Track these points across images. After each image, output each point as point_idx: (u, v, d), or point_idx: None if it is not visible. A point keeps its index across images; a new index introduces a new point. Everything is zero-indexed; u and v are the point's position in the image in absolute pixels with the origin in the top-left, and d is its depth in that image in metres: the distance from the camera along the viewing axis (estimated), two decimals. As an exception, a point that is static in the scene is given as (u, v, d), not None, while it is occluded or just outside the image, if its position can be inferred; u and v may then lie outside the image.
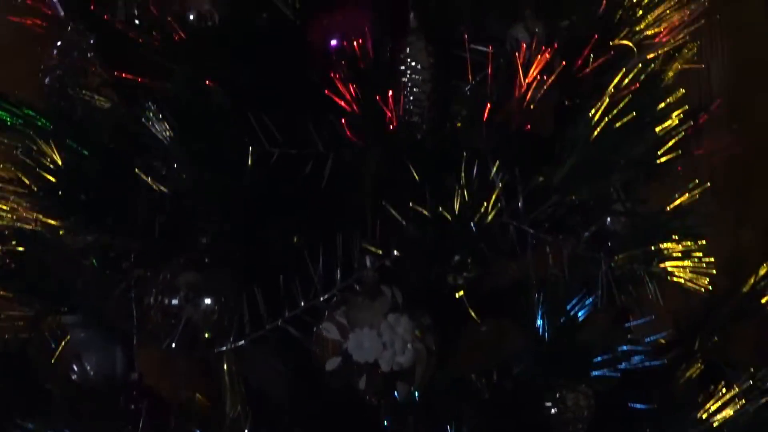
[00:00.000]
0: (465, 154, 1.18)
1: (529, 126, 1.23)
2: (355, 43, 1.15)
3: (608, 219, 1.24)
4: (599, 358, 1.10)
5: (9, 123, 1.35)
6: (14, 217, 1.32)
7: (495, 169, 1.10)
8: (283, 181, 1.23)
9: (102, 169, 1.32)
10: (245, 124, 1.24)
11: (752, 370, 1.31)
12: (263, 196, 1.24)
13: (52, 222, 1.30)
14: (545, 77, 1.17)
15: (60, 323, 1.41)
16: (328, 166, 1.22)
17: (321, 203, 1.21)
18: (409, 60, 1.25)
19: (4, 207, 1.32)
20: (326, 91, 1.13)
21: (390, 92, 1.13)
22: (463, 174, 1.11)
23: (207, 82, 1.21)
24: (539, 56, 1.14)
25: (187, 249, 1.28)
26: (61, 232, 1.37)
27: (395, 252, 1.08)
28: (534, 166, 1.28)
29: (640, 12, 1.31)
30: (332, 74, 1.13)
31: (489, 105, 1.19)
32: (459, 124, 1.22)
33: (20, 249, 1.33)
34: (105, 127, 1.35)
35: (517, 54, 1.16)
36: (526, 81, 1.15)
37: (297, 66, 1.29)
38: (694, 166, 1.38)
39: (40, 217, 1.29)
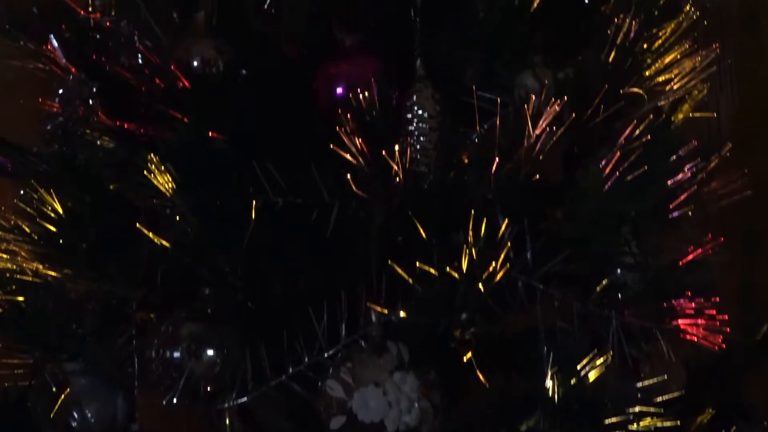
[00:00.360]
0: (473, 204, 1.17)
1: (537, 175, 1.21)
2: (360, 95, 1.13)
3: (618, 270, 1.21)
4: (610, 419, 1.07)
5: (10, 169, 1.34)
6: (14, 264, 1.30)
7: (504, 226, 1.07)
8: (287, 232, 1.21)
9: (103, 217, 1.30)
10: (249, 173, 1.23)
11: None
12: (267, 247, 1.22)
13: (52, 273, 1.27)
14: (554, 128, 1.15)
15: (60, 370, 1.39)
16: (333, 216, 1.20)
17: (326, 255, 1.19)
18: (415, 108, 1.24)
19: (4, 255, 1.30)
20: (331, 146, 1.11)
21: (396, 146, 1.11)
22: (470, 229, 1.08)
23: (210, 131, 1.19)
24: (548, 108, 1.12)
25: (189, 299, 1.26)
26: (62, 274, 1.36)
27: (401, 314, 1.06)
28: (543, 215, 1.27)
29: (651, 59, 1.29)
30: (338, 127, 1.11)
31: (497, 154, 1.17)
32: (467, 174, 1.20)
33: (20, 298, 1.31)
34: (107, 173, 1.34)
35: (526, 106, 1.13)
36: (535, 132, 1.13)
37: (302, 114, 1.28)
38: (704, 209, 1.35)
39: (40, 268, 1.27)
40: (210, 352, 1.23)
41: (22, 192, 1.33)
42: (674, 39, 1.34)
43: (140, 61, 1.28)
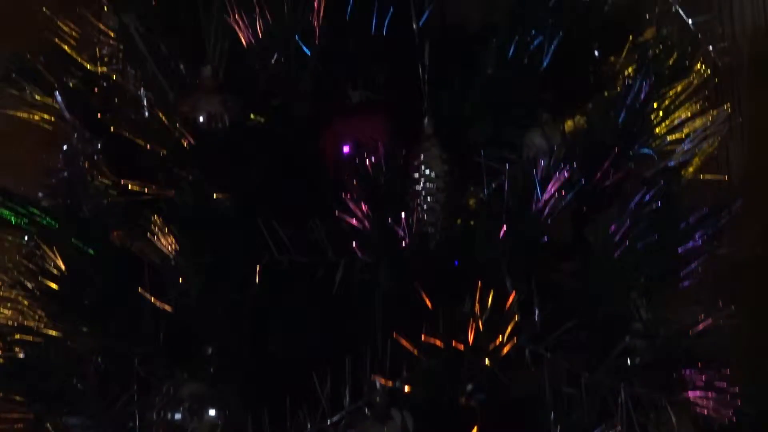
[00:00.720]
0: (480, 265, 1.15)
1: (546, 237, 1.20)
2: (367, 160, 1.11)
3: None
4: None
5: (13, 222, 1.33)
6: (15, 322, 1.29)
7: (511, 298, 1.06)
8: (291, 292, 1.20)
9: (106, 271, 1.29)
10: (253, 230, 1.22)
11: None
12: (271, 308, 1.21)
13: (53, 332, 1.26)
14: (563, 192, 1.13)
15: (61, 425, 1.37)
16: (338, 276, 1.19)
17: (330, 318, 1.18)
18: (423, 168, 1.22)
19: (5, 311, 1.29)
20: (337, 212, 1.09)
21: (403, 213, 1.09)
22: (477, 298, 1.07)
23: (215, 191, 1.18)
24: (557, 173, 1.11)
25: (192, 358, 1.25)
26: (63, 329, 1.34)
27: (406, 387, 1.04)
28: (551, 276, 1.25)
29: (661, 118, 1.28)
30: (344, 194, 1.10)
31: (505, 216, 1.16)
32: (474, 235, 1.19)
33: (21, 353, 1.30)
34: (111, 225, 1.33)
35: (534, 170, 1.12)
36: (544, 198, 1.12)
37: (309, 171, 1.26)
38: (715, 271, 1.34)
39: (41, 326, 1.25)
40: (211, 413, 1.21)
41: (24, 243, 1.33)
42: (685, 97, 1.33)
43: (146, 114, 1.28)
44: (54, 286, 1.22)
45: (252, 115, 1.26)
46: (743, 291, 1.45)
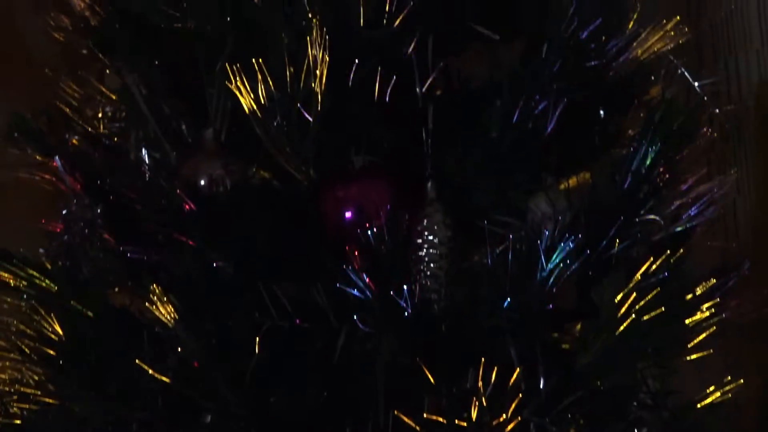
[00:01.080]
0: (484, 333, 1.14)
1: (551, 305, 1.18)
2: (369, 230, 1.10)
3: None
4: None
5: (12, 284, 1.32)
6: (13, 387, 1.27)
7: (516, 374, 1.04)
8: (293, 360, 1.18)
9: (105, 335, 1.28)
10: (254, 295, 1.20)
11: None
12: (272, 373, 1.19)
13: (50, 399, 1.24)
14: (568, 261, 1.12)
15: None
16: (340, 341, 1.17)
17: (332, 387, 1.16)
18: (426, 233, 1.21)
19: (3, 376, 1.27)
20: (338, 285, 1.08)
21: (405, 286, 1.08)
22: (481, 367, 1.05)
23: (216, 256, 1.17)
24: (562, 243, 1.09)
25: (191, 424, 1.23)
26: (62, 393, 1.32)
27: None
28: (556, 343, 1.23)
29: (667, 182, 1.26)
30: (345, 266, 1.08)
31: (509, 285, 1.14)
32: (478, 303, 1.17)
33: (19, 417, 1.28)
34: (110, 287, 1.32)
35: (539, 240, 1.10)
36: (548, 267, 1.10)
37: (310, 236, 1.25)
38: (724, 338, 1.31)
39: (39, 393, 1.24)
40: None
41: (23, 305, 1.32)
42: (691, 160, 1.31)
43: (147, 176, 1.27)
44: (52, 352, 1.20)
45: (253, 179, 1.26)
46: (754, 356, 1.43)
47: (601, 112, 1.37)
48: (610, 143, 1.41)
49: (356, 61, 1.17)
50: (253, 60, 1.16)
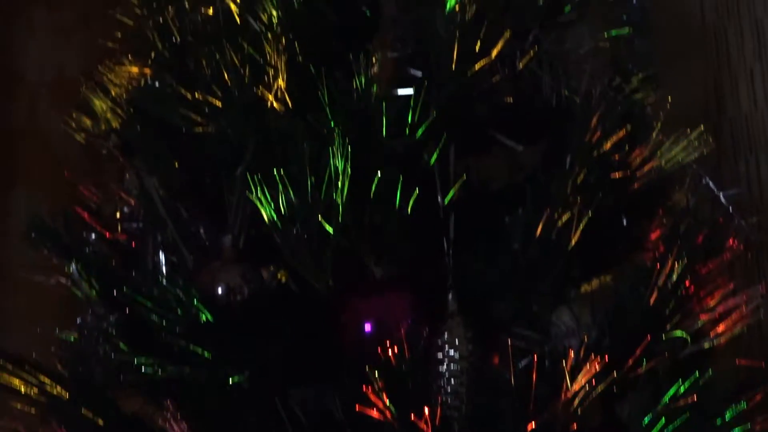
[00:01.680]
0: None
1: (575, 425, 1.15)
2: (389, 350, 1.07)
3: None
4: None
5: (23, 391, 1.29)
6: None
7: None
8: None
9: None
10: (269, 407, 1.18)
11: None
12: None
13: None
14: (594, 382, 1.09)
15: None
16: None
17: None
18: (447, 348, 1.18)
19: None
20: (357, 407, 1.05)
21: (426, 408, 1.05)
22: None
23: (231, 369, 1.14)
24: (587, 365, 1.06)
25: None
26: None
27: None
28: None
29: (693, 296, 1.24)
30: (365, 387, 1.05)
31: (533, 404, 1.11)
32: (501, 421, 1.14)
33: None
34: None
35: (564, 361, 1.08)
36: (573, 389, 1.07)
37: (328, 348, 1.22)
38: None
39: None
40: None
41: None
42: (717, 273, 1.29)
43: (163, 284, 1.25)
44: (61, 465, 1.17)
45: (271, 287, 1.24)
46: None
47: (624, 220, 1.36)
48: (633, 248, 1.39)
49: (378, 172, 1.15)
50: (274, 170, 1.15)
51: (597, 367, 1.06)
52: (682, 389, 1.08)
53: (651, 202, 1.38)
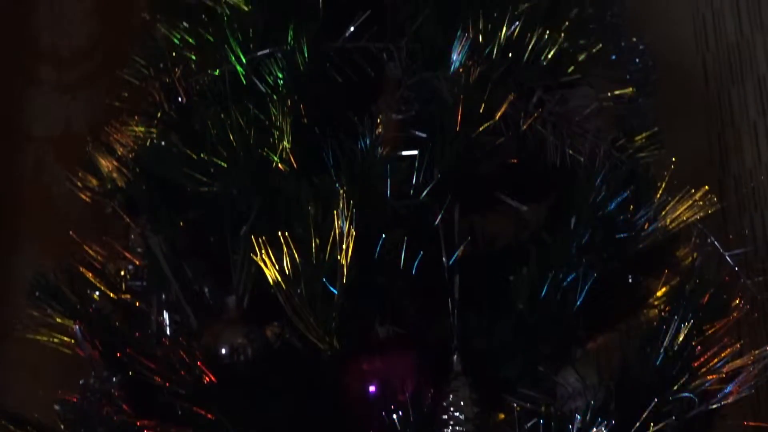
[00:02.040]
0: None
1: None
2: (394, 413, 1.07)
3: None
4: None
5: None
6: None
7: None
8: None
9: None
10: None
11: None
12: None
13: None
14: (601, 445, 1.08)
15: None
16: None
17: None
18: (452, 410, 1.17)
19: None
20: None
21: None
22: None
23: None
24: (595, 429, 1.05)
25: None
26: None
27: None
28: None
29: (699, 356, 1.23)
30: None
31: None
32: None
33: None
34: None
35: (570, 426, 1.07)
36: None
37: (332, 409, 1.21)
38: None
39: None
40: None
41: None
42: (724, 333, 1.28)
43: (167, 345, 1.25)
44: None
45: (275, 347, 1.23)
46: None
47: (630, 278, 1.35)
48: (638, 305, 1.38)
49: (383, 234, 1.15)
50: (279, 232, 1.15)
51: (604, 431, 1.05)
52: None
53: (656, 261, 1.38)
